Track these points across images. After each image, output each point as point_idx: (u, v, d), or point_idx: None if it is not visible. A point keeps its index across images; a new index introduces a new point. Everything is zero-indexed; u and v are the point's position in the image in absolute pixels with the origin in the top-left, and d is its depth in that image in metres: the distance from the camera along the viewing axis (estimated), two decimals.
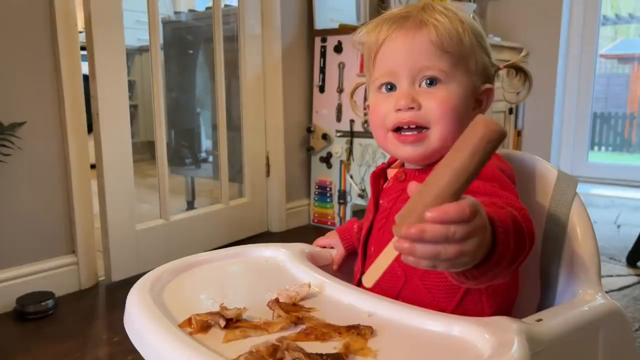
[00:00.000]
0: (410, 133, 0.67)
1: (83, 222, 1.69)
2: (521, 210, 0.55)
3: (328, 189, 2.36)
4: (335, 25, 2.36)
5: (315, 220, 2.42)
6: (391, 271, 0.66)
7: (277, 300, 0.59)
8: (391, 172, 0.75)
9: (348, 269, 0.82)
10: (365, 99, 0.83)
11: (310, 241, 0.86)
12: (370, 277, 0.47)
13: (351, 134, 2.26)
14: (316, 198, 2.41)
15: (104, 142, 1.70)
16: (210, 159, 3.15)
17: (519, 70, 0.73)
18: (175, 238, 1.95)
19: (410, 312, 0.57)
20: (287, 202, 2.37)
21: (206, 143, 3.23)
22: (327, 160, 2.35)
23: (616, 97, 5.44)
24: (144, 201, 2.26)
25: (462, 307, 0.62)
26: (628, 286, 1.70)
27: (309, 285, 0.63)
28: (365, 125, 2.21)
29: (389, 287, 0.66)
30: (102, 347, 1.36)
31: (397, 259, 0.66)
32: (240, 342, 0.52)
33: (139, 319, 0.54)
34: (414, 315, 0.56)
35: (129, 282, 1.80)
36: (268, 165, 2.32)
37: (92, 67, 1.65)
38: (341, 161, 2.31)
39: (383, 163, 0.79)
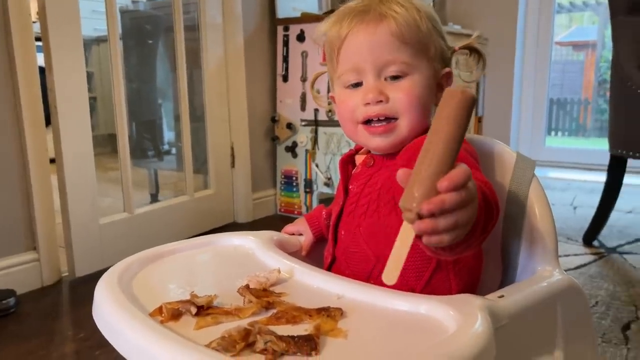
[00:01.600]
0: (379, 125, 0.69)
1: (44, 217, 1.65)
2: (487, 183, 0.57)
3: (294, 178, 2.37)
4: (298, 14, 2.36)
5: (282, 210, 2.43)
6: (361, 254, 0.68)
7: (247, 286, 0.60)
8: (359, 159, 0.77)
9: (316, 255, 0.83)
10: (329, 89, 0.84)
11: (276, 230, 0.87)
12: (391, 273, 0.46)
13: (316, 123, 2.27)
14: (282, 188, 2.41)
15: (63, 135, 1.66)
16: (173, 150, 3.10)
17: (472, 50, 0.75)
18: (140, 231, 1.93)
19: (378, 293, 0.58)
20: (253, 192, 2.36)
21: (168, 135, 3.19)
22: (292, 149, 2.35)
23: (571, 84, 5.61)
24: (106, 195, 2.22)
25: (430, 286, 0.64)
26: (584, 265, 1.77)
27: (279, 271, 0.64)
28: (330, 114, 2.22)
29: (359, 270, 0.67)
30: (68, 343, 1.34)
31: (366, 241, 0.68)
32: (212, 329, 0.52)
33: (109, 310, 0.54)
34: (383, 296, 0.57)
35: (93, 277, 1.77)
36: (233, 155, 2.31)
37: (48, 58, 1.60)
38: (306, 150, 2.31)
39: (351, 150, 0.81)
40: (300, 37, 2.29)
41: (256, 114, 2.35)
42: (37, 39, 1.62)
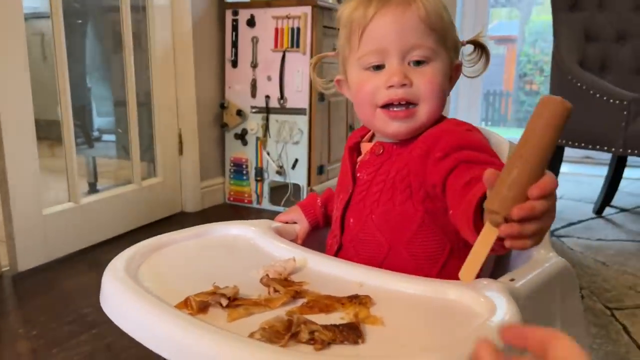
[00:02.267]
0: (400, 109, 0.69)
1: None
2: None
3: (244, 166, 2.33)
4: None
5: (231, 199, 2.39)
6: (374, 242, 0.68)
7: (268, 276, 0.58)
8: (364, 146, 0.77)
9: (311, 244, 0.82)
10: (312, 71, 0.83)
11: (227, 219, 0.84)
12: (469, 272, 0.46)
13: (267, 110, 2.24)
14: (232, 176, 2.37)
15: (4, 120, 1.53)
16: (105, 137, 2.96)
17: (477, 45, 0.77)
18: (86, 221, 1.83)
19: (399, 279, 0.59)
20: (201, 180, 2.30)
21: (98, 120, 3.03)
22: (242, 137, 2.31)
23: (493, 76, 5.88)
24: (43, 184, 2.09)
25: (445, 271, 0.65)
26: None
27: (294, 260, 0.63)
28: (282, 101, 2.20)
29: (371, 258, 0.68)
30: (20, 342, 1.25)
31: (380, 229, 0.68)
32: (245, 320, 0.51)
33: (134, 304, 0.51)
34: (404, 281, 0.58)
35: (38, 270, 1.68)
36: (181, 142, 2.24)
37: None
38: (257, 138, 2.28)
39: (354, 135, 0.80)
40: (251, 22, 2.24)
41: (204, 100, 2.28)
42: None
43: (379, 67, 0.69)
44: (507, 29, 6.12)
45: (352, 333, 0.47)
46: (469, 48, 0.77)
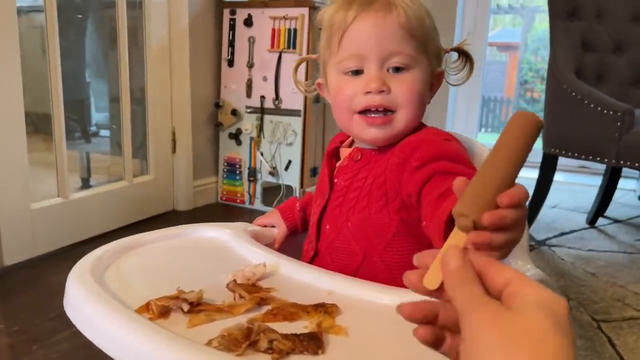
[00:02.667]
0: (377, 115, 0.68)
1: None
2: None
3: (237, 166, 2.32)
4: None
5: (224, 199, 2.37)
6: (349, 250, 0.67)
7: (235, 281, 0.57)
8: (344, 151, 0.76)
9: (289, 248, 0.81)
10: (307, 74, 0.82)
11: (218, 220, 0.84)
12: (434, 278, 0.44)
13: (262, 111, 2.23)
14: (225, 175, 2.36)
15: None
16: (102, 133, 2.95)
17: (461, 53, 0.76)
18: (75, 217, 1.82)
19: (370, 288, 0.58)
20: (194, 179, 2.29)
21: (98, 116, 3.02)
22: (236, 136, 2.30)
23: (494, 83, 5.88)
24: (30, 178, 2.07)
25: None
26: None
27: (265, 265, 0.62)
28: (277, 102, 2.19)
29: (345, 265, 0.67)
30: (0, 338, 1.24)
31: (355, 237, 0.67)
32: (206, 327, 0.50)
33: (91, 306, 0.50)
34: (374, 291, 0.57)
35: (24, 266, 1.66)
36: (174, 140, 2.23)
37: None
38: (251, 138, 2.27)
39: (334, 140, 0.79)
40: (248, 22, 2.24)
41: (199, 99, 2.27)
42: None
43: (357, 72, 0.68)
44: (510, 35, 6.12)
45: (312, 343, 0.46)
46: (454, 55, 0.76)
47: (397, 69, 0.67)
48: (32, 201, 1.69)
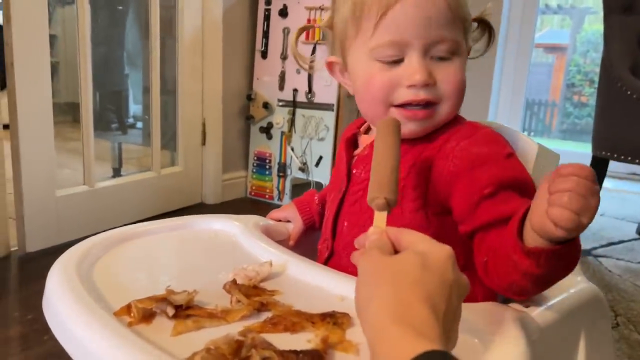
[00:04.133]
0: (419, 109, 0.59)
1: None
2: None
3: (267, 160, 2.26)
4: None
5: (253, 193, 2.32)
6: None
7: (234, 281, 0.50)
8: (363, 139, 0.67)
9: (306, 246, 0.73)
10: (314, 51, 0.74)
11: (246, 214, 0.76)
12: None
13: (294, 104, 2.16)
14: (254, 170, 2.30)
15: (20, 97, 1.50)
16: (139, 124, 2.94)
17: (481, 22, 0.66)
18: (100, 206, 1.79)
19: None
20: (223, 173, 2.24)
21: (134, 107, 3.02)
22: (267, 130, 2.24)
23: (539, 85, 5.66)
24: (64, 166, 2.07)
25: None
26: None
27: (270, 264, 0.54)
28: (310, 95, 2.12)
29: None
30: (13, 326, 1.21)
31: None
32: (192, 335, 0.43)
33: (63, 305, 0.44)
34: None
35: (46, 253, 1.64)
36: (204, 132, 2.18)
37: (7, 7, 1.44)
38: (282, 132, 2.21)
39: (352, 126, 0.71)
40: (283, 13, 2.17)
41: (231, 91, 2.22)
42: None
43: (395, 62, 0.59)
44: (557, 37, 5.89)
45: None
46: (472, 25, 0.67)
47: (441, 58, 0.59)
48: (58, 188, 1.66)
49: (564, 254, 0.46)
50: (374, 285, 0.38)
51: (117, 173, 2.37)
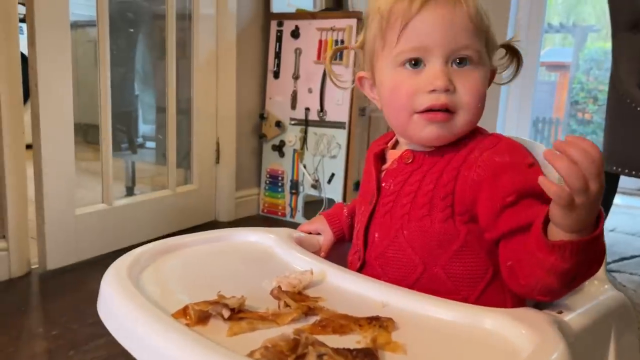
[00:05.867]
0: (438, 112, 0.62)
1: (15, 205, 1.53)
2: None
3: (280, 178, 2.29)
4: (293, 10, 2.29)
5: (265, 211, 2.34)
6: (404, 259, 0.61)
7: (279, 288, 0.52)
8: (391, 154, 0.70)
9: (335, 257, 0.75)
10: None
11: None
12: None
13: (306, 123, 2.20)
14: (267, 187, 2.33)
15: (43, 118, 1.54)
16: (148, 144, 2.98)
17: (510, 50, 0.70)
18: (117, 224, 1.82)
19: (428, 301, 0.52)
20: (236, 190, 2.27)
21: (145, 127, 3.06)
22: (279, 148, 2.27)
23: (543, 103, 5.70)
24: (79, 186, 2.10)
25: (484, 296, 0.58)
26: None
27: (312, 272, 0.57)
28: (322, 114, 2.15)
29: (400, 277, 0.61)
30: (38, 341, 1.23)
31: (413, 246, 0.62)
32: (247, 336, 0.45)
33: (125, 309, 0.46)
34: (435, 305, 0.51)
35: (65, 271, 1.66)
36: (218, 151, 2.22)
37: (31, 32, 1.49)
38: (294, 150, 2.24)
39: (378, 142, 0.74)
40: (295, 34, 2.22)
41: (244, 110, 2.26)
42: (22, 20, 1.51)
43: (417, 64, 0.62)
44: (560, 55, 5.94)
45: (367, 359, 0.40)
46: (501, 52, 0.70)
47: (462, 63, 0.61)
48: (77, 207, 1.69)
49: (588, 249, 0.48)
50: None
51: (130, 192, 2.40)
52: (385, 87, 0.65)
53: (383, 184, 0.67)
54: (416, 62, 0.62)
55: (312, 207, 2.25)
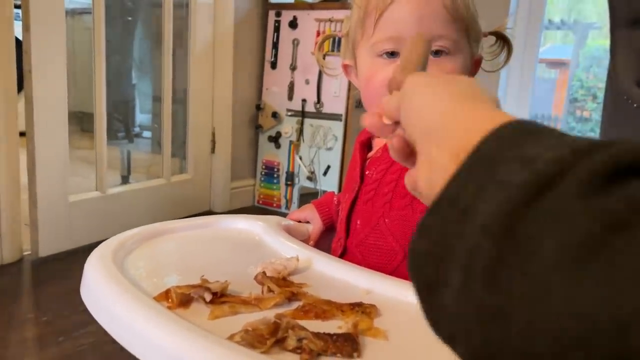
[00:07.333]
0: None
1: (8, 191, 1.53)
2: None
3: (275, 169, 2.28)
4: (291, 0, 2.28)
5: (260, 202, 2.34)
6: (385, 247, 0.61)
7: (264, 273, 0.52)
8: (377, 142, 0.70)
9: (325, 246, 0.75)
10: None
11: None
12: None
13: (302, 114, 2.20)
14: (262, 178, 2.33)
15: (37, 104, 1.54)
16: (145, 133, 2.97)
17: (499, 37, 0.70)
18: (111, 212, 1.82)
19: (412, 289, 0.51)
20: (231, 181, 2.27)
21: (141, 116, 3.05)
22: (275, 139, 2.27)
23: (542, 100, 5.69)
24: (75, 174, 2.10)
25: None
26: None
27: (297, 259, 0.56)
28: (318, 106, 2.15)
29: (380, 264, 0.61)
30: (29, 327, 1.23)
31: (394, 234, 0.61)
32: (228, 319, 0.45)
33: (105, 291, 0.46)
34: None
35: (57, 258, 1.66)
36: (214, 141, 2.21)
37: (26, 17, 1.48)
38: (290, 141, 2.24)
39: (366, 131, 0.73)
40: (293, 24, 2.21)
41: (241, 100, 2.25)
42: (17, 6, 1.50)
43: (393, 55, 0.62)
44: (560, 52, 5.93)
45: (347, 345, 0.40)
46: (490, 40, 0.69)
47: (438, 53, 0.61)
48: (70, 194, 1.69)
49: None
50: (433, 86, 0.35)
51: (125, 180, 2.40)
52: (363, 75, 0.65)
53: (367, 172, 0.67)
54: (392, 53, 0.62)
55: (308, 198, 2.25)
